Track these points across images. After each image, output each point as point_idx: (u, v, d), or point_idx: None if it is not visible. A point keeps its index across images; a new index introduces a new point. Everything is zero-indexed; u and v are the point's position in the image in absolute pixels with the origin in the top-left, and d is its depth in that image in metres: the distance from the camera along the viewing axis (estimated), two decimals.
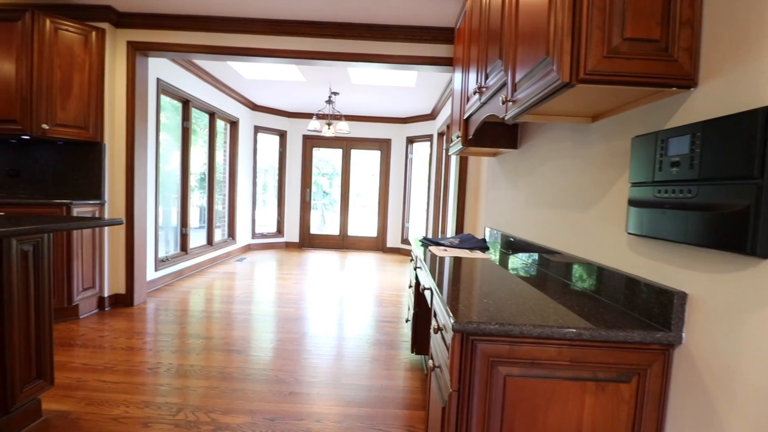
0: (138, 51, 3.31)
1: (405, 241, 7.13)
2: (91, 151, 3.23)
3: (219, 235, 5.74)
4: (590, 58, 0.94)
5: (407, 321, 2.63)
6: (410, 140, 7.05)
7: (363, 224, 7.50)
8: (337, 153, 7.46)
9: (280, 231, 7.29)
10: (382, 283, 4.82)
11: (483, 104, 1.84)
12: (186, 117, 4.60)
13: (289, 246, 7.36)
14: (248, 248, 6.75)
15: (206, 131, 5.28)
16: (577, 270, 1.44)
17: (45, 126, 2.88)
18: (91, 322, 3.01)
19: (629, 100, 1.18)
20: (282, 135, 7.19)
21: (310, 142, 7.33)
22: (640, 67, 0.95)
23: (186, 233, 4.68)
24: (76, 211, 2.91)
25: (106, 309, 3.31)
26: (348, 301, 3.96)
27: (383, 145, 7.26)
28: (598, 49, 0.94)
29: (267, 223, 7.23)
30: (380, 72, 4.44)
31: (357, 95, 5.63)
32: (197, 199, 5.24)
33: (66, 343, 2.60)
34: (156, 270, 4.00)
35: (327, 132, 5.35)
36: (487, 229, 2.72)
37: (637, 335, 0.95)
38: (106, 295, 3.32)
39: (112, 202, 3.33)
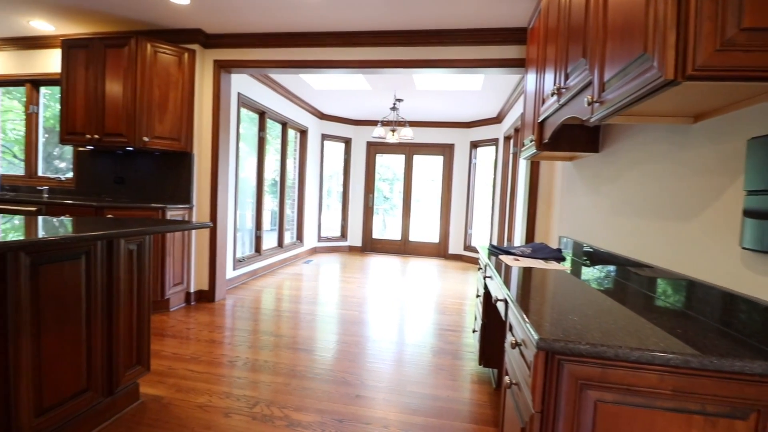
0: (223, 68, 3.62)
1: (468, 248, 6.97)
2: (182, 161, 3.59)
3: (288, 237, 6.05)
4: (700, 52, 0.84)
5: (474, 332, 2.55)
6: (474, 145, 6.90)
7: (424, 230, 7.46)
8: (399, 159, 7.51)
9: (343, 235, 7.50)
10: (444, 290, 4.75)
11: (562, 106, 1.74)
12: (262, 127, 4.92)
13: (352, 250, 7.54)
14: (314, 251, 7.03)
15: (278, 140, 5.61)
16: (672, 286, 1.29)
17: (146, 138, 3.25)
18: (179, 315, 3.32)
19: (744, 97, 1.04)
20: (347, 142, 7.41)
21: (374, 148, 7.47)
22: (761, 60, 0.83)
23: (260, 235, 5.00)
24: (170, 214, 3.24)
25: (192, 303, 3.64)
26: (409, 307, 3.95)
27: (446, 150, 7.18)
28: (709, 42, 0.84)
29: (331, 227, 7.48)
30: (446, 77, 4.41)
31: (421, 101, 5.63)
32: (269, 204, 5.57)
33: (158, 333, 2.89)
34: (234, 269, 4.32)
35: (391, 138, 5.41)
36: (562, 238, 2.55)
37: (758, 366, 0.82)
38: (192, 290, 3.64)
39: (199, 206, 3.66)
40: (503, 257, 2.07)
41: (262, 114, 4.92)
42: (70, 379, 1.60)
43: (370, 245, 7.54)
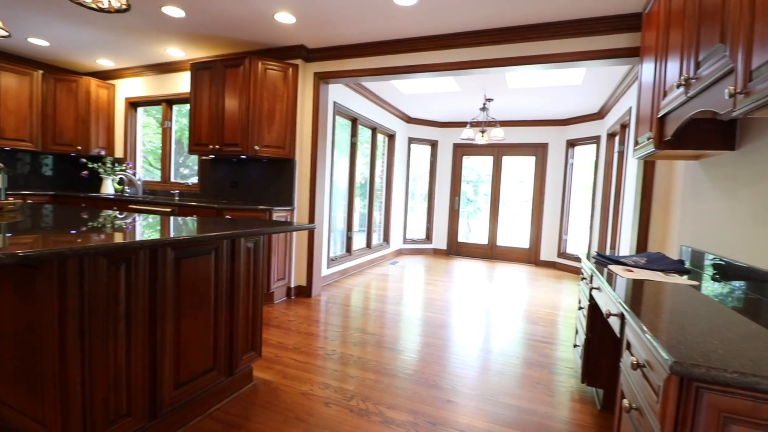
0: (322, 80, 3.88)
1: (563, 254, 6.48)
2: (285, 166, 3.93)
3: (375, 239, 6.24)
4: None
5: (576, 346, 2.37)
6: (571, 143, 6.39)
7: (512, 234, 7.13)
8: (486, 160, 7.28)
9: (428, 237, 7.51)
10: (535, 298, 4.48)
11: (690, 98, 1.54)
12: (354, 133, 5.16)
13: (436, 252, 7.51)
14: (399, 252, 7.15)
15: (367, 145, 5.83)
16: None
17: (257, 147, 3.63)
18: (282, 308, 3.63)
19: None
20: (433, 145, 7.41)
21: (460, 150, 7.35)
22: None
23: (350, 236, 5.24)
24: (275, 215, 3.57)
25: (292, 298, 3.96)
26: (497, 313, 3.81)
27: (539, 150, 6.77)
28: None
29: (416, 229, 7.54)
30: (542, 73, 4.17)
31: (513, 99, 5.40)
32: (357, 206, 5.81)
33: (265, 323, 3.19)
34: (328, 267, 4.59)
35: (480, 140, 5.27)
36: (684, 248, 2.25)
37: None
38: (292, 285, 3.97)
39: (299, 208, 3.97)
40: (613, 267, 1.89)
41: (354, 120, 5.16)
42: (200, 359, 1.85)
43: (455, 248, 7.43)
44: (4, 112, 4.19)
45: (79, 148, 4.69)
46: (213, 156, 3.96)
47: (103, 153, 4.88)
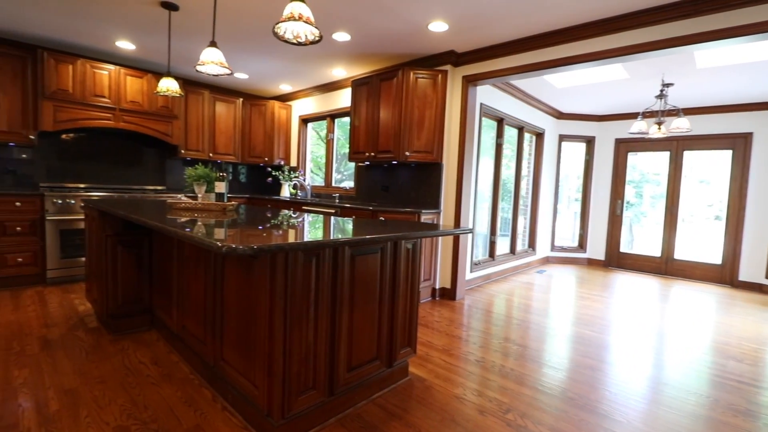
0: (470, 83, 3.86)
1: None
2: (432, 170, 4.03)
3: (520, 244, 5.90)
4: None
5: None
6: None
7: (693, 246, 5.84)
8: (659, 157, 6.16)
9: (581, 246, 6.74)
10: (731, 328, 3.57)
11: None
12: (499, 134, 4.99)
13: (591, 263, 6.68)
14: (546, 260, 6.60)
15: (513, 145, 5.55)
16: None
17: (407, 153, 3.82)
18: (427, 308, 3.73)
19: None
20: (589, 141, 6.62)
21: (625, 146, 6.39)
22: None
23: (494, 241, 5.07)
24: (423, 217, 3.69)
25: (436, 299, 4.03)
26: (674, 340, 3.16)
27: (737, 142, 5.41)
28: None
29: (565, 235, 6.85)
30: (751, 46, 3.32)
31: (702, 81, 4.44)
32: (501, 209, 5.57)
33: None
34: (471, 272, 4.54)
35: (655, 133, 4.49)
36: None
37: None
38: (437, 287, 4.05)
39: (445, 211, 4.02)
40: None
41: (500, 121, 4.98)
42: (366, 348, 2.03)
43: (617, 260, 6.48)
44: (218, 132, 5.38)
45: (266, 159, 5.71)
46: (368, 163, 4.32)
47: (282, 163, 5.83)
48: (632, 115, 6.19)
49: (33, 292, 3.68)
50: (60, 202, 3.90)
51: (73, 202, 3.98)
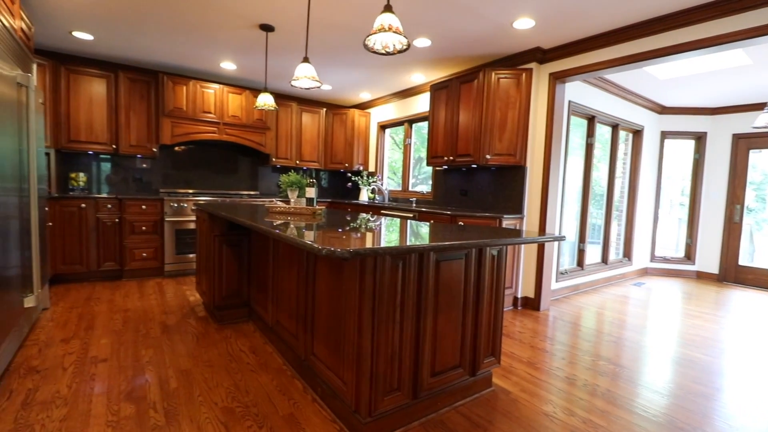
0: (557, 80, 3.65)
1: None
2: (515, 174, 3.88)
3: (613, 254, 5.39)
4: None
5: None
6: None
7: None
8: None
9: (688, 256, 5.95)
10: None
11: None
12: (590, 133, 4.63)
13: (701, 277, 5.87)
14: (645, 272, 5.94)
15: (605, 144, 5.10)
16: None
17: (488, 156, 3.72)
18: (509, 317, 3.59)
19: None
20: (699, 138, 5.84)
21: (745, 142, 5.52)
22: None
23: (583, 249, 4.71)
24: (505, 223, 3.56)
25: (518, 308, 3.86)
26: None
27: None
28: None
29: (668, 244, 6.10)
30: None
31: None
32: (591, 214, 5.15)
33: None
34: (556, 281, 4.26)
35: None
36: None
37: None
38: (519, 296, 3.87)
39: (529, 216, 3.84)
40: None
41: (591, 119, 4.62)
42: (450, 354, 2.02)
43: (734, 274, 5.61)
44: (304, 141, 5.75)
45: (346, 164, 5.96)
46: (446, 167, 4.29)
47: (361, 168, 6.05)
48: (755, 107, 5.34)
49: (154, 283, 4.27)
50: (175, 205, 4.48)
51: (185, 205, 4.55)
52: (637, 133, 5.47)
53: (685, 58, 3.02)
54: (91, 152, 4.44)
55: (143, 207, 4.36)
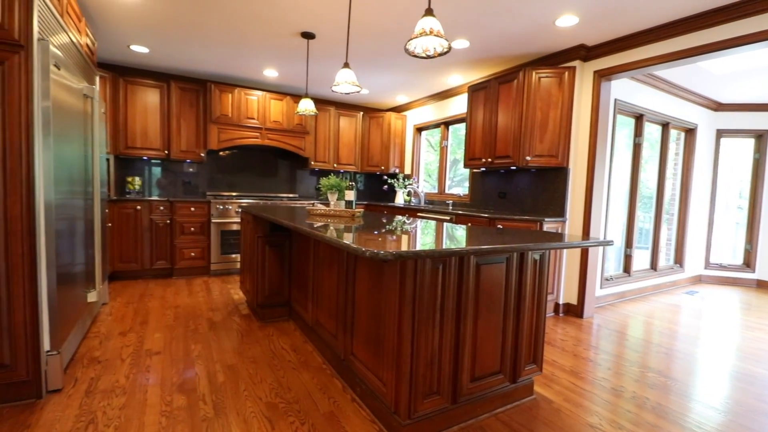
0: (603, 77, 3.51)
1: None
2: (557, 176, 3.76)
3: (663, 260, 5.10)
4: None
5: None
6: None
7: None
8: None
9: (748, 263, 5.52)
10: None
11: None
12: (638, 133, 4.41)
13: (762, 286, 5.43)
14: (698, 279, 5.57)
15: (655, 144, 4.84)
16: None
17: (528, 158, 3.64)
18: (550, 324, 3.48)
19: None
20: (759, 136, 5.41)
21: None
22: None
23: (630, 254, 4.48)
24: (546, 226, 3.46)
25: (560, 315, 3.73)
26: None
27: None
28: None
29: (722, 250, 5.68)
30: None
31: None
32: (639, 218, 4.89)
33: None
34: (601, 288, 4.09)
35: None
36: None
37: None
38: (560, 302, 3.74)
39: (572, 220, 3.71)
40: None
41: (639, 117, 4.40)
42: (490, 360, 1.99)
43: None
44: (341, 144, 5.86)
45: (382, 167, 6.01)
46: (484, 169, 4.23)
47: (397, 171, 6.08)
48: None
49: (201, 281, 4.49)
50: (221, 207, 4.70)
51: (229, 207, 4.76)
52: (690, 132, 5.15)
53: (745, 51, 2.82)
54: (145, 157, 4.74)
55: (192, 209, 4.60)
